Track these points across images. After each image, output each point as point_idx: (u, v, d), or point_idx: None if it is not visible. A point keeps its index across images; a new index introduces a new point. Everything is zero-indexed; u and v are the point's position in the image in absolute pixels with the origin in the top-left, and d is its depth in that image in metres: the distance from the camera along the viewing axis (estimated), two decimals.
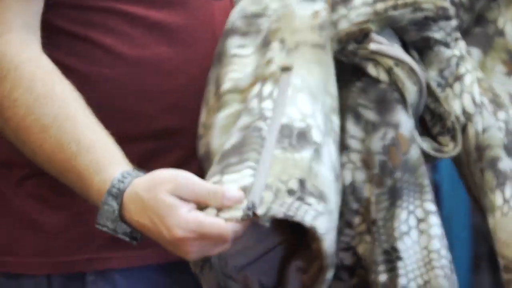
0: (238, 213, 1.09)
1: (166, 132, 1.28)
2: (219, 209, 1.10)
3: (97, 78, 1.24)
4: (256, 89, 1.23)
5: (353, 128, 1.28)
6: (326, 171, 1.17)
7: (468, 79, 1.35)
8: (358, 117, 1.29)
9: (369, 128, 1.28)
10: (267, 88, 1.23)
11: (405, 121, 1.28)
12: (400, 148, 1.26)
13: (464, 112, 1.33)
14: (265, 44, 1.28)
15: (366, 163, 1.27)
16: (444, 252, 1.25)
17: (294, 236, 1.23)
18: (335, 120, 1.24)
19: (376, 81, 1.30)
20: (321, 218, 1.12)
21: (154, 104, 1.26)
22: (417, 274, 1.24)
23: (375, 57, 1.29)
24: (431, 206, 1.26)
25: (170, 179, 1.11)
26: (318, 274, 1.14)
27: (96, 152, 1.15)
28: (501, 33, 1.41)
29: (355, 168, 1.27)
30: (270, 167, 1.15)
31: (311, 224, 1.10)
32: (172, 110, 1.28)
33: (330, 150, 1.20)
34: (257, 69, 1.26)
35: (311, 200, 1.13)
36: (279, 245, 1.23)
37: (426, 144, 1.31)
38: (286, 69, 1.24)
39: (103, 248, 1.26)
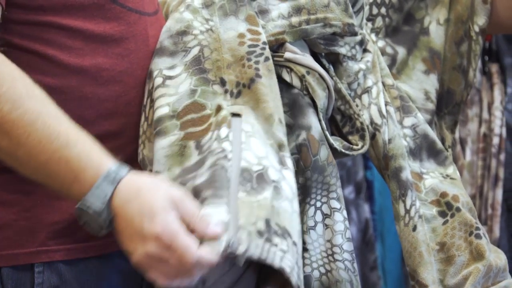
0: (218, 247, 1.12)
1: (103, 137, 1.28)
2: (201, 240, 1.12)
3: (40, 86, 1.23)
4: (213, 134, 1.25)
5: None
6: (287, 205, 1.20)
7: (374, 91, 1.39)
8: None
9: (286, 130, 1.30)
10: (223, 131, 1.24)
11: (315, 124, 1.31)
12: (311, 149, 1.30)
13: (372, 122, 1.37)
14: (202, 71, 1.30)
15: None
16: (346, 246, 1.29)
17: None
18: (286, 153, 1.26)
19: (289, 86, 1.33)
20: (287, 256, 1.14)
21: (92, 111, 1.28)
22: (321, 264, 1.28)
23: (289, 65, 1.33)
24: (336, 204, 1.30)
25: (176, 190, 1.14)
26: None
27: (85, 145, 1.17)
28: (425, 31, 1.46)
29: None
30: (239, 209, 1.17)
31: (280, 265, 1.13)
32: (109, 116, 1.30)
33: (288, 182, 1.22)
34: (197, 96, 1.28)
35: (276, 240, 1.15)
36: (248, 268, 1.26)
37: (337, 143, 1.35)
38: (236, 115, 1.26)
39: (48, 241, 1.27)
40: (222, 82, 1.29)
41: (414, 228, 1.33)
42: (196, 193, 1.20)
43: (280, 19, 1.34)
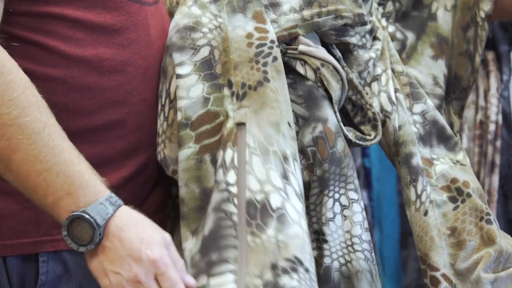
0: None
1: (106, 126, 1.30)
2: None
3: (42, 77, 1.24)
4: (223, 155, 1.26)
5: None
6: (297, 229, 1.21)
7: (384, 79, 1.39)
8: None
9: (300, 122, 1.31)
10: (228, 154, 1.26)
11: (331, 117, 1.31)
12: (328, 142, 1.30)
13: (382, 109, 1.38)
14: (214, 77, 1.30)
15: (303, 154, 1.31)
16: (365, 237, 1.30)
17: None
18: (293, 151, 1.26)
19: (303, 78, 1.33)
20: None
21: (94, 101, 1.27)
22: (340, 254, 1.29)
23: (303, 58, 1.33)
24: (354, 195, 1.31)
25: (166, 234, 1.18)
26: None
27: (87, 167, 1.17)
28: (433, 17, 1.46)
29: None
30: (247, 264, 1.19)
31: None
32: (111, 105, 1.29)
33: (293, 203, 1.23)
34: (210, 104, 1.29)
35: (284, 280, 1.18)
36: None
37: (350, 134, 1.35)
38: (240, 124, 1.26)
39: (52, 230, 1.27)
40: (230, 84, 1.30)
41: (425, 213, 1.33)
42: (204, 251, 1.23)
43: (292, 13, 1.34)
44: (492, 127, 2.77)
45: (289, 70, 1.33)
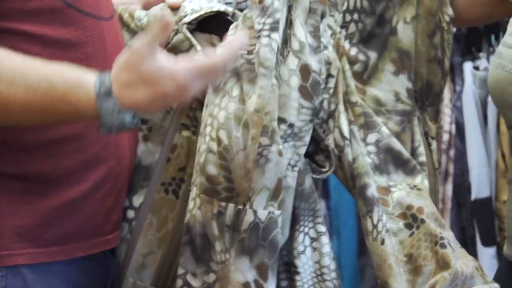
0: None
1: (64, 139, 1.29)
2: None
3: None
4: None
5: None
6: None
7: (337, 114, 1.40)
8: None
9: None
10: None
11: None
12: (298, 181, 1.33)
13: (337, 145, 1.38)
14: None
15: None
16: (333, 266, 1.34)
17: None
18: None
19: None
20: None
21: None
22: (311, 284, 1.34)
23: None
24: (321, 228, 1.34)
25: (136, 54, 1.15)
26: None
27: (64, 75, 1.17)
28: (394, 31, 1.44)
29: None
30: None
31: None
32: None
33: None
34: None
35: None
36: None
37: (306, 166, 1.37)
38: None
39: (11, 245, 1.25)
40: None
41: (382, 242, 1.33)
42: None
43: None
44: (445, 137, 2.80)
45: None
